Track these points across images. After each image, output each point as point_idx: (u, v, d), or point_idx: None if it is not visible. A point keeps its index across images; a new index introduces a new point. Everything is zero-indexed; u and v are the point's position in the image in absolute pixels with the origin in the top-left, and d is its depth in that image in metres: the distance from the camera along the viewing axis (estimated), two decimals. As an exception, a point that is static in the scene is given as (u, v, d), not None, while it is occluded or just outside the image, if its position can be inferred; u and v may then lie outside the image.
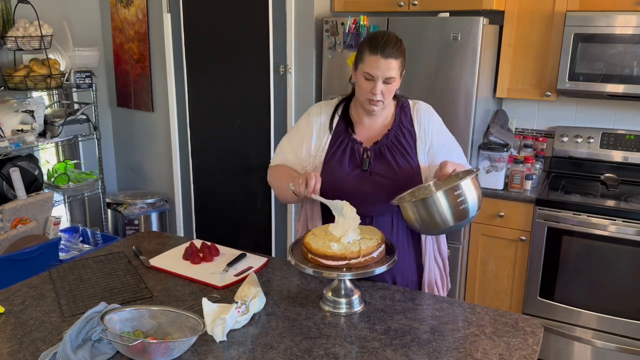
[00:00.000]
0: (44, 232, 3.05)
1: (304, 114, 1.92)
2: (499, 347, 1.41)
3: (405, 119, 1.81)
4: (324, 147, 1.82)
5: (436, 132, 1.81)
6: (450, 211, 1.49)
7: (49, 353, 1.32)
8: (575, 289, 2.72)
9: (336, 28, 2.92)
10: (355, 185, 1.74)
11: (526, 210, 2.76)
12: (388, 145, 1.77)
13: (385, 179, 1.74)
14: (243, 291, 1.58)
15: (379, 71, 1.65)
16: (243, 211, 3.56)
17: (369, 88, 1.69)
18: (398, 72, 1.69)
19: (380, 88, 1.68)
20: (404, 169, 1.75)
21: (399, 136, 1.78)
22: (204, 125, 3.58)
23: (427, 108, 1.84)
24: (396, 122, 1.80)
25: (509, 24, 2.88)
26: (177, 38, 3.52)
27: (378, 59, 1.65)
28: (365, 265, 1.52)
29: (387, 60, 1.65)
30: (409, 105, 1.84)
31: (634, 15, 2.58)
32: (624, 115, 3.04)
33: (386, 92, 1.70)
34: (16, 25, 2.97)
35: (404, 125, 1.80)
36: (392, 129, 1.79)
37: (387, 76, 1.66)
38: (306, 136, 1.85)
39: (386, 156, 1.76)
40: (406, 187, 1.74)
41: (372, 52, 1.66)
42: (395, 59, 1.66)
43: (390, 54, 1.65)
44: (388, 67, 1.65)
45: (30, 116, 3.06)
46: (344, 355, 1.37)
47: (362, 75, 1.70)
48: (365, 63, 1.68)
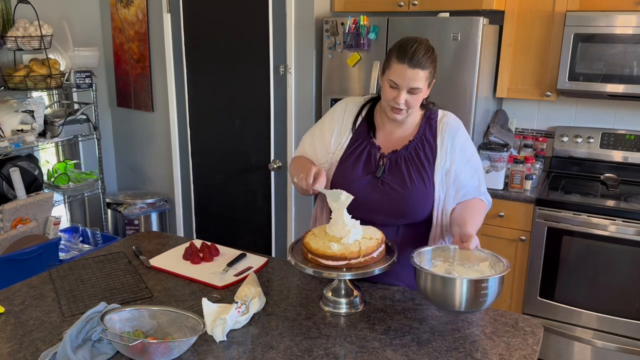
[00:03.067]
0: (44, 232, 3.05)
1: (330, 109, 1.89)
2: (499, 347, 1.41)
3: (429, 131, 1.75)
4: (343, 146, 1.79)
5: (459, 150, 1.73)
6: (466, 299, 1.41)
7: (49, 353, 1.32)
8: (575, 289, 2.72)
9: (336, 28, 2.92)
10: (364, 190, 1.71)
11: (526, 210, 2.76)
12: (405, 157, 1.72)
13: (395, 191, 1.70)
14: (243, 291, 1.58)
15: (404, 81, 1.61)
16: (243, 211, 3.56)
17: (392, 96, 1.64)
18: (425, 82, 1.63)
19: (405, 97, 1.63)
20: (416, 184, 1.69)
21: (418, 149, 1.73)
22: (204, 125, 3.58)
23: (454, 124, 1.76)
24: (419, 134, 1.74)
25: (509, 24, 2.88)
26: (177, 38, 3.52)
27: (405, 68, 1.59)
28: (365, 265, 1.52)
29: (413, 71, 1.59)
30: (437, 117, 1.77)
31: (634, 15, 2.58)
32: (624, 115, 3.04)
33: (411, 102, 1.64)
34: (16, 25, 2.97)
35: (427, 139, 1.74)
36: (413, 140, 1.74)
37: (412, 86, 1.61)
38: (327, 133, 1.83)
39: (401, 168, 1.71)
40: (415, 204, 1.69)
41: (399, 60, 1.60)
42: (422, 70, 1.60)
43: (418, 64, 1.59)
44: (414, 78, 1.60)
45: (30, 116, 3.06)
46: (344, 355, 1.37)
47: (387, 82, 1.65)
48: (391, 70, 1.63)
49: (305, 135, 1.92)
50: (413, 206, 1.70)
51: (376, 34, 2.83)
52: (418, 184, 1.69)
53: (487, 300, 1.41)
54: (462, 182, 1.73)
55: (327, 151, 1.82)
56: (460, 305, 1.41)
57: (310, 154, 1.86)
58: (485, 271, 1.50)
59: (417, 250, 1.55)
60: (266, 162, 3.35)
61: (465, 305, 1.41)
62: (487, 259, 1.52)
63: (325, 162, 1.81)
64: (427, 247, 1.58)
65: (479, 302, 1.41)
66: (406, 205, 1.70)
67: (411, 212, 1.72)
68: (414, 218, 1.73)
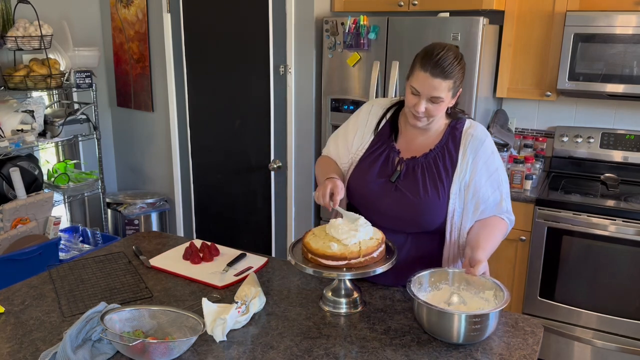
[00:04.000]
0: (44, 232, 3.05)
1: (357, 111, 1.88)
2: (499, 347, 1.41)
3: (452, 142, 1.69)
4: (364, 147, 1.79)
5: (482, 163, 1.66)
6: (463, 332, 1.38)
7: (49, 353, 1.32)
8: (575, 289, 2.72)
9: (336, 28, 2.92)
10: (377, 193, 1.70)
11: (526, 210, 2.76)
12: (423, 165, 1.68)
13: (406, 198, 1.66)
14: (243, 291, 1.58)
15: (425, 89, 1.56)
16: (243, 211, 3.56)
17: (413, 103, 1.61)
18: (447, 92, 1.58)
19: (425, 105, 1.59)
20: (429, 194, 1.64)
21: (438, 159, 1.68)
22: (204, 125, 3.58)
23: (480, 136, 1.68)
24: (441, 143, 1.69)
25: (509, 24, 2.88)
26: (177, 38, 3.52)
27: (427, 76, 1.55)
28: (365, 265, 1.52)
29: (435, 80, 1.54)
30: (463, 127, 1.70)
31: (634, 15, 2.58)
32: (624, 115, 3.04)
33: (432, 111, 1.60)
34: (16, 25, 2.97)
35: (448, 149, 1.68)
36: (434, 149, 1.69)
37: (433, 95, 1.56)
38: (350, 133, 1.83)
39: (417, 175, 1.67)
40: (425, 214, 1.65)
41: (422, 67, 1.56)
42: (445, 80, 1.55)
43: (440, 74, 1.54)
44: (435, 87, 1.55)
45: (30, 116, 3.06)
46: (344, 355, 1.37)
47: (410, 88, 1.61)
48: (413, 76, 1.59)
49: (332, 135, 1.93)
50: (423, 215, 1.66)
51: (376, 34, 2.83)
52: (431, 193, 1.65)
53: (482, 335, 1.40)
54: (482, 196, 1.66)
55: (348, 151, 1.82)
56: (457, 337, 1.39)
57: (334, 153, 1.87)
58: (490, 300, 1.48)
59: (415, 276, 1.51)
60: (266, 162, 3.35)
61: (462, 338, 1.39)
62: (492, 288, 1.49)
63: (347, 162, 1.81)
64: (425, 272, 1.55)
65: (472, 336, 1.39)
66: (417, 213, 1.66)
67: (421, 221, 1.68)
68: (424, 227, 1.69)
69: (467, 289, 1.54)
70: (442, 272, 1.57)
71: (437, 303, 1.45)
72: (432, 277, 1.56)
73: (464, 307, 1.48)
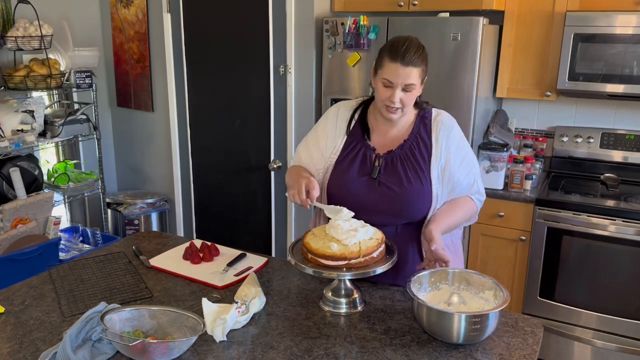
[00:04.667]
0: (44, 232, 3.05)
1: (323, 116, 1.90)
2: (499, 347, 1.41)
3: (424, 130, 1.75)
4: (338, 150, 1.80)
5: (454, 149, 1.74)
6: (463, 332, 1.38)
7: (49, 353, 1.32)
8: (575, 289, 2.72)
9: (336, 28, 2.92)
10: (360, 192, 1.72)
11: (526, 210, 2.76)
12: (401, 157, 1.73)
13: (392, 191, 1.70)
14: (243, 291, 1.58)
15: (398, 79, 1.62)
16: (243, 211, 3.56)
17: (387, 95, 1.65)
18: (418, 79, 1.64)
19: (400, 96, 1.64)
20: (413, 183, 1.69)
21: (414, 148, 1.73)
22: (204, 125, 3.58)
23: (448, 122, 1.77)
24: (413, 133, 1.75)
25: (509, 24, 2.88)
26: (177, 38, 3.52)
27: (397, 66, 1.61)
28: (365, 265, 1.52)
29: (406, 68, 1.61)
30: (431, 116, 1.78)
31: (634, 15, 2.58)
32: (624, 115, 3.04)
33: (406, 100, 1.65)
34: (16, 25, 2.97)
35: (421, 137, 1.74)
36: (408, 139, 1.74)
37: (407, 83, 1.62)
38: (322, 138, 1.84)
39: (397, 167, 1.72)
40: (412, 203, 1.69)
41: (392, 59, 1.62)
42: (415, 67, 1.62)
43: (410, 62, 1.60)
44: (408, 75, 1.61)
45: (30, 116, 3.06)
46: (344, 355, 1.37)
47: (381, 82, 1.66)
48: (384, 69, 1.64)
49: (299, 145, 1.93)
50: (411, 205, 1.71)
51: (376, 34, 2.83)
52: (415, 182, 1.70)
53: (482, 335, 1.40)
54: (457, 180, 1.74)
55: (323, 156, 1.82)
56: (457, 337, 1.39)
57: (307, 161, 1.86)
58: (490, 300, 1.48)
59: (415, 276, 1.52)
60: (266, 162, 3.35)
61: (462, 338, 1.39)
62: (492, 288, 1.49)
63: (322, 168, 1.81)
64: (425, 272, 1.55)
65: (472, 336, 1.39)
66: (404, 204, 1.70)
67: (409, 211, 1.72)
68: (413, 217, 1.73)
69: (467, 289, 1.54)
70: (442, 272, 1.57)
71: (437, 303, 1.46)
72: (432, 277, 1.56)
73: (464, 307, 1.48)
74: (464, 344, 1.41)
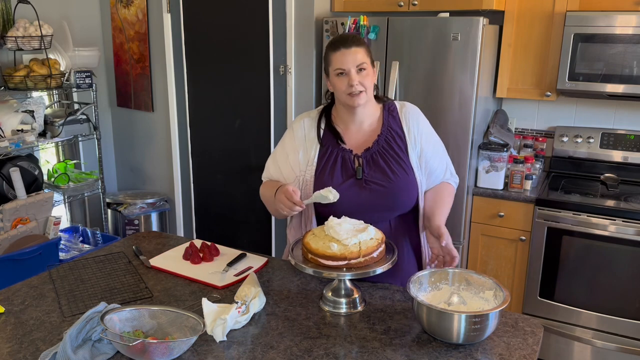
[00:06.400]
0: (44, 232, 3.05)
1: (287, 130, 1.90)
2: (499, 347, 1.41)
3: (394, 122, 1.79)
4: (313, 161, 1.78)
5: (425, 134, 1.80)
6: (463, 332, 1.38)
7: (49, 353, 1.32)
8: (575, 289, 2.72)
9: (336, 28, 2.92)
10: (350, 195, 1.71)
11: (526, 210, 2.76)
12: (380, 152, 1.75)
13: (381, 186, 1.72)
14: (243, 291, 1.58)
15: (348, 62, 1.67)
16: (243, 211, 3.56)
17: (345, 82, 1.68)
18: (367, 58, 1.69)
19: (357, 78, 1.67)
20: (399, 174, 1.73)
21: (389, 141, 1.76)
22: (204, 125, 3.58)
23: (414, 110, 1.83)
24: (385, 127, 1.78)
25: (509, 24, 2.88)
26: (177, 38, 3.52)
27: (343, 52, 1.67)
28: (365, 265, 1.52)
29: (351, 50, 1.67)
30: (396, 107, 1.82)
31: (634, 15, 2.58)
32: (624, 115, 3.05)
33: (364, 81, 1.68)
34: (16, 25, 2.97)
35: (393, 129, 1.78)
36: (381, 134, 1.77)
37: (358, 63, 1.67)
38: (291, 153, 1.83)
39: (379, 163, 1.74)
40: (402, 193, 1.72)
41: (335, 49, 1.69)
42: (358, 47, 1.68)
43: (352, 44, 1.67)
44: (355, 56, 1.67)
45: (30, 116, 3.06)
46: (344, 355, 1.37)
47: (335, 75, 1.70)
48: (332, 63, 1.70)
49: (268, 161, 1.93)
50: (401, 196, 1.73)
51: (376, 34, 2.83)
52: (400, 173, 1.73)
53: (483, 335, 1.40)
54: (432, 167, 1.80)
55: (293, 171, 1.81)
56: (457, 337, 1.38)
57: (277, 177, 1.87)
58: (490, 300, 1.48)
59: (415, 276, 1.52)
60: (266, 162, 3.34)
61: (462, 338, 1.38)
62: (492, 288, 1.49)
63: (294, 182, 1.80)
64: (424, 271, 1.55)
65: (473, 336, 1.39)
66: (395, 196, 1.72)
67: (400, 203, 1.75)
68: (404, 208, 1.77)
69: (467, 289, 1.54)
70: (442, 272, 1.57)
71: (437, 303, 1.45)
72: (432, 277, 1.56)
73: (464, 307, 1.48)
74: (464, 344, 1.41)
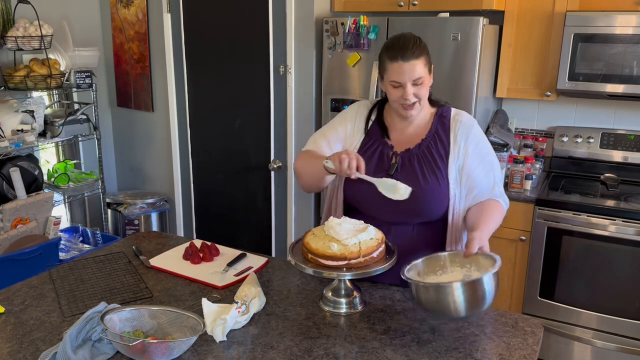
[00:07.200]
0: (44, 232, 3.05)
1: (341, 113, 1.88)
2: (499, 347, 1.41)
3: (441, 129, 1.74)
4: (356, 147, 1.79)
5: (473, 148, 1.71)
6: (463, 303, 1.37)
7: (49, 353, 1.32)
8: (575, 289, 2.72)
9: (336, 28, 2.92)
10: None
11: (526, 210, 2.76)
12: (418, 155, 1.72)
13: None
14: (243, 291, 1.58)
15: (404, 76, 1.62)
16: (243, 211, 3.56)
17: (399, 94, 1.65)
18: (424, 70, 1.64)
19: (412, 91, 1.63)
20: (430, 182, 1.68)
21: (431, 147, 1.72)
22: (204, 125, 3.58)
23: (468, 121, 1.75)
24: (431, 132, 1.74)
25: (509, 24, 2.88)
26: (177, 38, 3.52)
27: (400, 64, 1.61)
28: (365, 265, 1.52)
29: (409, 63, 1.61)
30: (450, 115, 1.76)
31: (634, 15, 2.58)
32: (624, 115, 3.04)
33: (419, 93, 1.65)
34: (16, 25, 2.97)
35: (439, 136, 1.73)
36: (426, 138, 1.73)
37: (415, 78, 1.62)
38: (341, 132, 1.82)
39: (414, 165, 1.71)
40: (429, 202, 1.67)
41: (393, 59, 1.62)
42: (417, 59, 1.61)
43: (411, 56, 1.60)
44: (412, 70, 1.61)
45: (30, 116, 3.07)
46: (344, 355, 1.37)
47: (390, 85, 1.66)
48: (388, 72, 1.65)
49: (315, 135, 1.87)
50: (427, 204, 1.69)
51: (376, 34, 2.83)
52: (432, 181, 1.68)
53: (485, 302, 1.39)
54: (474, 180, 1.70)
55: (343, 146, 1.80)
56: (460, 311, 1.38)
57: (325, 149, 1.80)
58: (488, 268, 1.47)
59: (409, 265, 1.52)
60: (266, 162, 3.35)
61: (465, 310, 1.38)
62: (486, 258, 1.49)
63: None
64: (418, 260, 1.55)
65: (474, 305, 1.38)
66: (421, 202, 1.68)
67: (425, 210, 1.70)
68: (429, 216, 1.72)
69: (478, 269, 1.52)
70: (436, 257, 1.56)
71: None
72: (426, 267, 1.55)
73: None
74: (467, 317, 1.41)
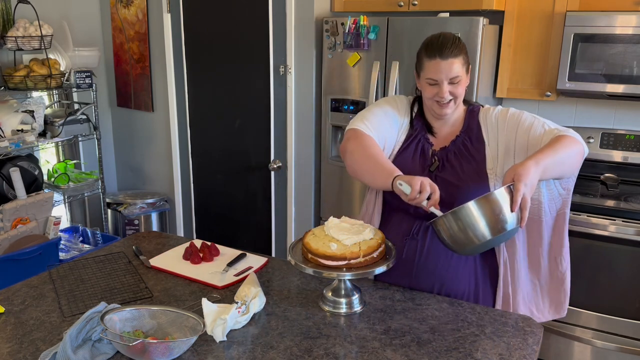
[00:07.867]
0: (44, 232, 3.05)
1: (388, 98, 1.84)
2: (499, 347, 1.41)
3: (473, 124, 1.75)
4: (401, 139, 1.78)
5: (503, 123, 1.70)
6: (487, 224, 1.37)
7: (49, 353, 1.32)
8: (575, 289, 2.71)
9: (336, 28, 2.92)
10: None
11: (526, 210, 2.75)
12: (455, 152, 1.72)
13: (450, 184, 1.67)
14: (243, 291, 1.58)
15: (441, 74, 1.62)
16: (243, 211, 3.56)
17: (435, 92, 1.65)
18: (462, 69, 1.63)
19: (448, 89, 1.63)
20: (469, 174, 1.68)
21: (466, 142, 1.73)
22: (204, 125, 3.58)
23: (500, 108, 1.75)
24: (464, 129, 1.75)
25: (509, 24, 2.88)
26: (177, 38, 3.52)
27: (438, 62, 1.61)
28: (365, 265, 1.52)
29: (447, 61, 1.61)
30: (479, 110, 1.78)
31: (634, 15, 2.58)
32: (624, 115, 3.04)
33: (455, 92, 1.65)
34: (16, 25, 2.97)
35: (472, 132, 1.74)
36: (460, 135, 1.74)
37: (452, 76, 1.62)
38: (390, 118, 1.77)
39: (452, 162, 1.71)
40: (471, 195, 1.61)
41: (430, 57, 1.62)
42: (455, 58, 1.61)
43: (449, 54, 1.60)
44: (450, 68, 1.61)
45: (30, 116, 3.07)
46: (344, 355, 1.37)
47: (426, 82, 1.66)
48: (425, 70, 1.65)
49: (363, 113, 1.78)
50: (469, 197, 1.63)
51: (376, 34, 2.83)
52: (471, 173, 1.69)
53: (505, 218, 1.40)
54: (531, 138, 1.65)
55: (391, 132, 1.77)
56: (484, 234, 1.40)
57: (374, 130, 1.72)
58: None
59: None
60: (266, 162, 3.35)
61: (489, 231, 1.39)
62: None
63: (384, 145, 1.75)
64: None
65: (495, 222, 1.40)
66: (462, 196, 1.65)
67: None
68: None
69: None
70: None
71: None
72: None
73: None
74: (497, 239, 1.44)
